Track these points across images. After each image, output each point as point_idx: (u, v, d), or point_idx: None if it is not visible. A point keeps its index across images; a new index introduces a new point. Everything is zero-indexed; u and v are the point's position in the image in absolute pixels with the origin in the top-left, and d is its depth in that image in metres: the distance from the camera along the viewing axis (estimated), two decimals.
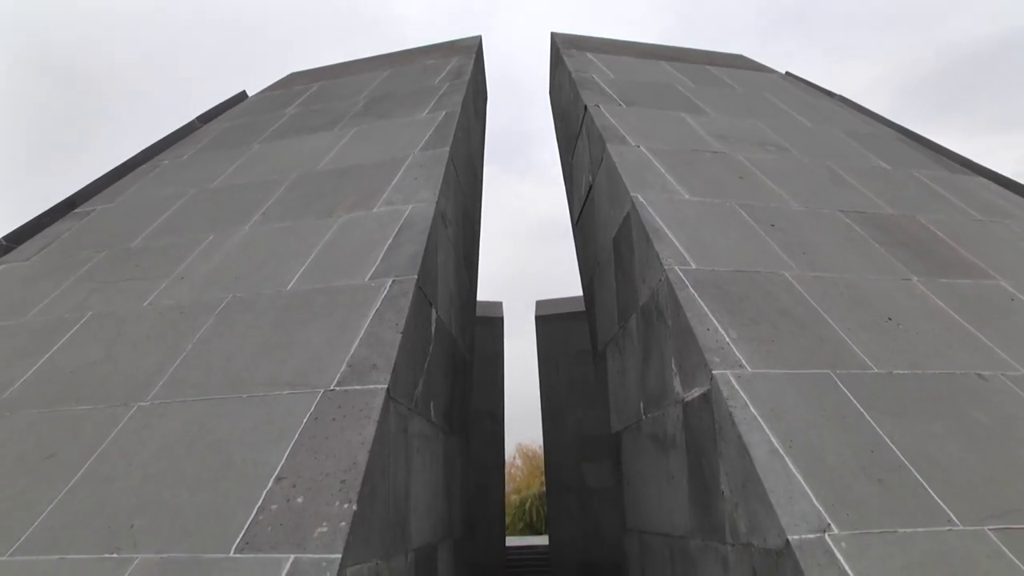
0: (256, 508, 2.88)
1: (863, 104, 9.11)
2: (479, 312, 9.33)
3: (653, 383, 4.59)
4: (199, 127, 9.04)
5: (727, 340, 3.71)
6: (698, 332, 3.76)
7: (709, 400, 3.53)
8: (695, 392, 3.74)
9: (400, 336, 3.74)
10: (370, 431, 3.15)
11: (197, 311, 4.43)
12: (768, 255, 4.62)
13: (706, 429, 3.58)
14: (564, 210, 8.58)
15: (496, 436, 14.39)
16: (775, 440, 3.11)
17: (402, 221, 4.89)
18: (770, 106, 8.22)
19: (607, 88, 7.79)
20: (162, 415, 3.58)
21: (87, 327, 4.60)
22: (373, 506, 3.09)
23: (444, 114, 7.05)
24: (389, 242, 4.65)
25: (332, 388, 3.45)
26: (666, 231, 4.65)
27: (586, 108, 7.00)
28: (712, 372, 3.49)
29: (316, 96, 9.23)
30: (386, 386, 3.39)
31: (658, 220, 4.77)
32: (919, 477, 3.03)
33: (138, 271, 5.21)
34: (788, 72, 10.54)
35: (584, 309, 7.50)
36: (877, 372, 3.67)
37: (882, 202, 5.79)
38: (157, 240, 5.70)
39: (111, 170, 7.63)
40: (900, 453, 3.15)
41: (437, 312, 4.86)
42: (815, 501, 2.85)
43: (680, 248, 4.48)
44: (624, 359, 5.44)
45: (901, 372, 3.70)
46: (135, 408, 3.68)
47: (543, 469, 16.68)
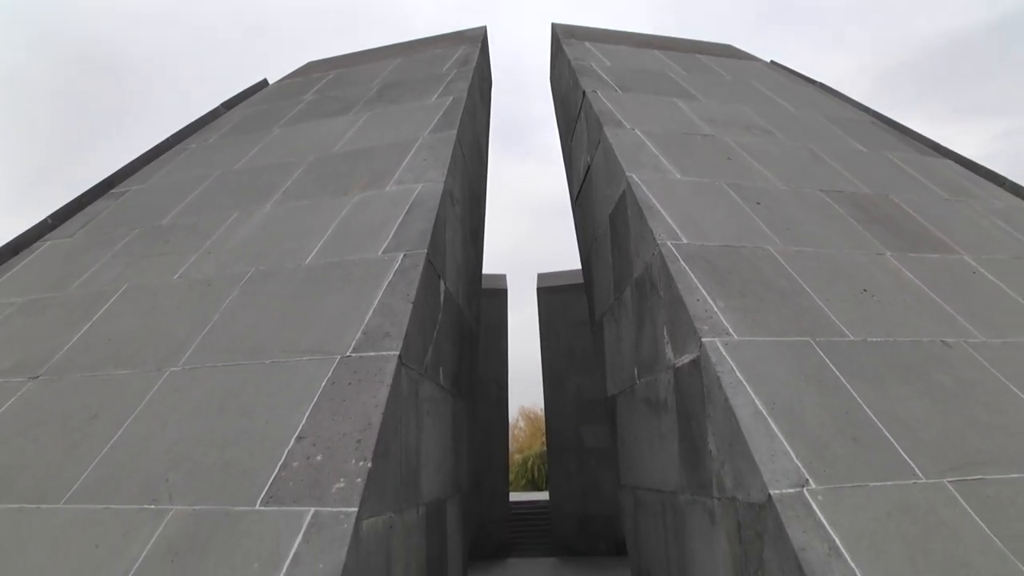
0: (279, 465, 2.90)
1: (842, 91, 9.05)
2: (484, 284, 9.33)
3: (646, 350, 4.59)
4: (223, 113, 8.99)
5: (715, 310, 3.70)
6: (688, 303, 3.76)
7: (698, 366, 3.53)
8: (685, 358, 3.75)
9: (411, 306, 3.74)
10: (384, 394, 3.16)
11: (223, 283, 4.44)
12: (754, 231, 4.61)
13: (695, 393, 3.59)
14: (564, 189, 8.55)
15: (500, 400, 14.45)
16: (759, 403, 3.12)
17: (412, 199, 4.88)
18: (756, 92, 8.15)
19: (604, 75, 7.73)
20: (192, 379, 3.61)
21: (124, 298, 4.61)
22: (387, 463, 3.11)
23: (451, 99, 7.00)
24: (400, 219, 4.64)
25: (348, 354, 3.46)
26: (659, 208, 4.63)
27: (585, 93, 6.95)
28: (701, 340, 3.49)
29: (332, 83, 9.16)
30: (398, 352, 3.40)
31: (652, 198, 4.75)
32: (889, 436, 3.05)
33: (169, 247, 5.21)
34: (773, 61, 10.44)
35: (583, 281, 7.49)
36: (853, 340, 3.67)
37: (859, 182, 5.76)
38: (186, 218, 5.69)
39: (144, 153, 7.60)
40: (872, 414, 3.16)
41: (445, 284, 4.86)
42: (795, 458, 2.87)
43: (672, 224, 4.46)
44: (619, 328, 5.45)
45: (874, 340, 3.70)
46: (168, 373, 3.70)
47: (544, 430, 16.77)
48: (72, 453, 3.30)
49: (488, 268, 9.28)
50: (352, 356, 3.44)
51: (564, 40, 9.19)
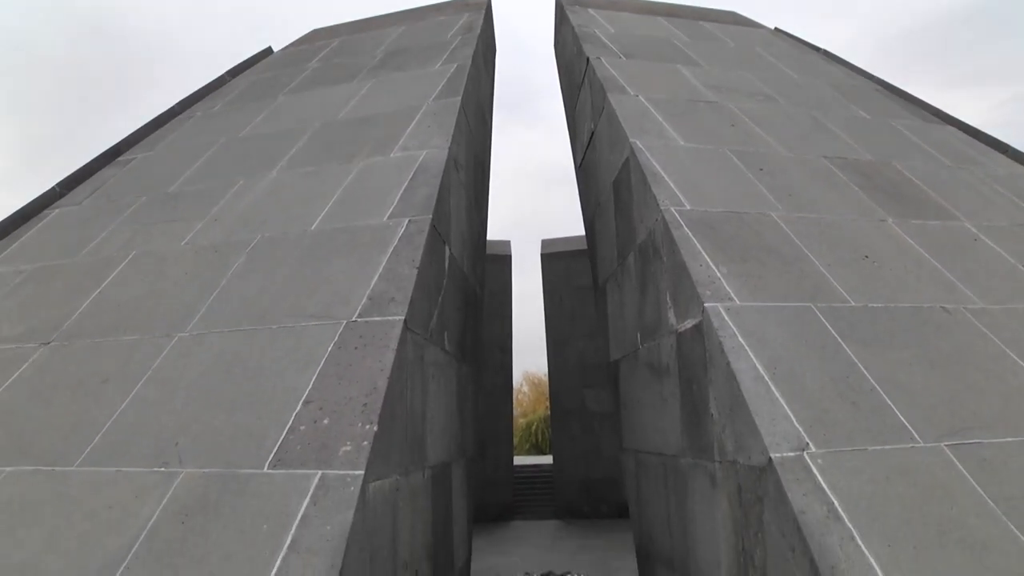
0: (286, 429, 2.91)
1: (845, 58, 8.93)
2: (489, 250, 9.32)
3: (649, 315, 4.58)
4: (229, 81, 8.90)
5: (718, 275, 3.69)
6: (691, 268, 3.74)
7: (701, 331, 3.52)
8: (688, 323, 3.74)
9: (416, 271, 3.73)
10: (389, 359, 3.16)
11: (230, 250, 4.43)
12: (757, 197, 4.57)
13: (697, 357, 3.59)
14: (568, 156, 8.48)
15: (504, 365, 14.50)
16: (760, 367, 3.11)
17: (417, 166, 4.84)
18: (760, 59, 8.04)
19: (608, 42, 7.63)
20: (200, 344, 3.61)
21: (132, 265, 4.60)
22: (392, 427, 3.12)
23: (456, 66, 6.92)
24: (405, 185, 4.61)
25: (354, 319, 3.45)
26: (662, 174, 4.59)
27: (588, 60, 6.86)
28: (704, 304, 3.48)
29: (337, 51, 9.07)
30: (403, 317, 3.39)
31: (655, 164, 4.71)
32: (888, 400, 3.05)
33: (176, 213, 5.19)
34: (777, 28, 10.30)
35: (586, 247, 7.47)
36: (854, 305, 3.65)
37: (862, 149, 5.70)
38: (192, 185, 5.66)
39: (150, 121, 7.54)
40: (872, 379, 3.15)
41: (450, 249, 4.84)
42: (795, 422, 2.87)
43: (675, 190, 4.43)
44: (622, 293, 5.44)
45: (875, 305, 3.68)
46: (176, 338, 3.70)
47: (548, 395, 16.85)
48: (84, 417, 3.31)
49: (492, 235, 9.25)
50: (358, 321, 3.43)
51: (568, 7, 9.07)
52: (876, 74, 8.29)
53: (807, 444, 2.77)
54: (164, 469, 2.87)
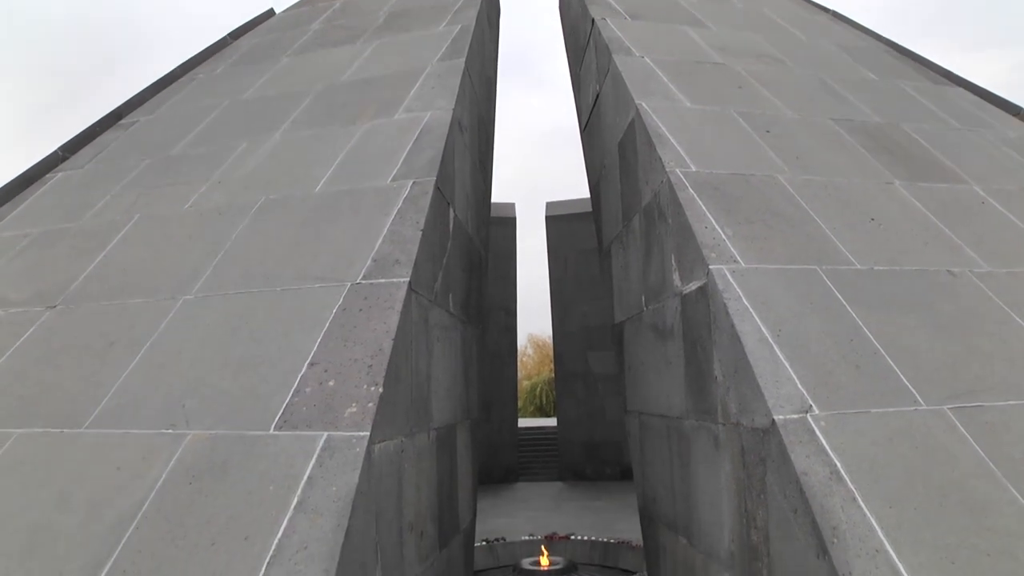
0: (292, 391, 2.92)
1: (855, 19, 8.78)
2: (494, 213, 9.26)
3: (654, 277, 4.57)
4: (230, 43, 8.78)
5: (723, 237, 3.66)
6: (696, 230, 3.71)
7: (705, 293, 3.50)
8: (693, 285, 3.72)
9: (420, 233, 3.71)
10: (394, 320, 3.16)
11: (234, 212, 4.40)
12: (763, 159, 4.52)
13: (702, 319, 3.57)
14: (573, 118, 8.39)
15: (509, 327, 14.56)
16: (765, 329, 3.10)
17: (421, 127, 4.79)
18: (767, 20, 7.90)
19: (613, 2, 7.49)
20: (205, 307, 3.60)
21: (136, 228, 4.58)
22: (397, 389, 3.13)
23: (459, 28, 6.81)
24: (409, 147, 4.56)
25: (359, 281, 3.44)
26: (668, 136, 4.54)
27: (593, 21, 6.75)
28: (709, 267, 3.46)
29: (339, 12, 8.93)
30: (408, 279, 3.38)
31: (661, 126, 4.65)
32: (892, 363, 3.04)
33: (179, 176, 5.16)
34: None
35: (591, 210, 7.42)
36: (859, 268, 3.62)
37: (869, 111, 5.62)
38: (195, 148, 5.62)
39: (152, 83, 7.45)
40: (876, 342, 3.14)
41: (454, 211, 4.81)
42: (799, 385, 2.86)
43: (681, 152, 4.38)
44: (627, 255, 5.41)
45: (880, 268, 3.65)
46: (181, 301, 3.70)
47: (552, 357, 16.93)
48: (91, 380, 3.32)
49: (497, 197, 9.19)
50: (362, 283, 3.42)
51: None
52: (890, 37, 8.15)
53: (810, 406, 2.77)
54: (171, 431, 2.89)
